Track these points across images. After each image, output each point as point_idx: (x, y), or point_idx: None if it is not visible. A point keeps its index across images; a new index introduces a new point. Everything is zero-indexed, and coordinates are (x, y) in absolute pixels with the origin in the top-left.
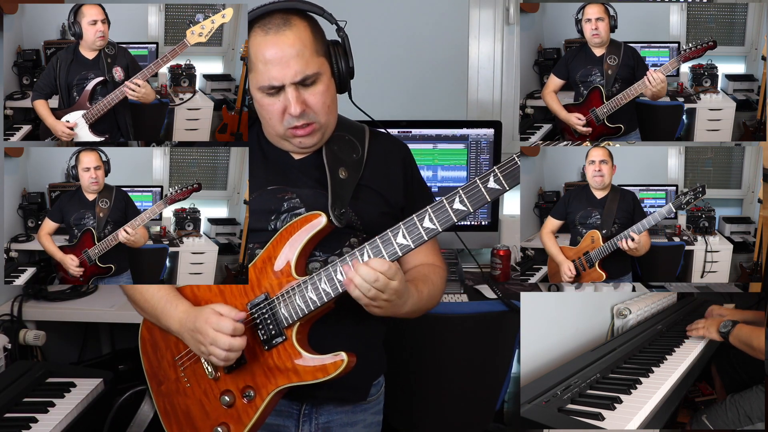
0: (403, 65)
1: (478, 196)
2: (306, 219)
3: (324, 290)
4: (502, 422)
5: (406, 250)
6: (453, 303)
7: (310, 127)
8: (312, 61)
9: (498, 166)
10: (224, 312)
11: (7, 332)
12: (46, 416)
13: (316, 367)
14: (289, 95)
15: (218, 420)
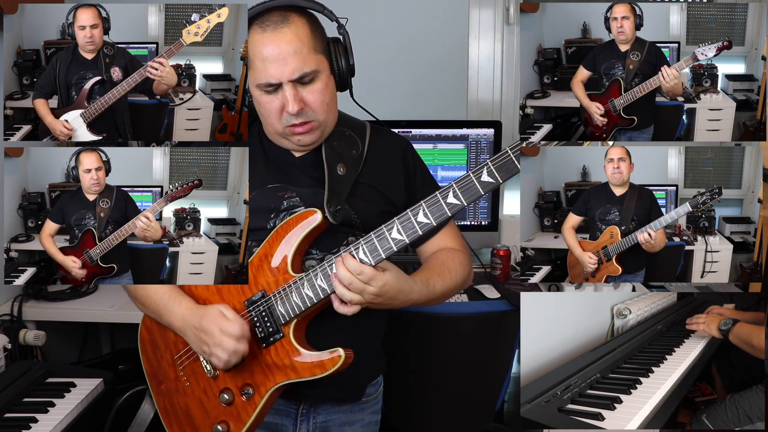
0: (403, 65)
1: (472, 190)
2: (301, 216)
3: (320, 287)
4: (502, 422)
5: (401, 245)
6: (453, 303)
7: (309, 125)
8: (310, 59)
9: (491, 159)
10: (230, 316)
11: (7, 332)
12: (46, 416)
13: (314, 363)
14: (286, 93)
15: (218, 418)
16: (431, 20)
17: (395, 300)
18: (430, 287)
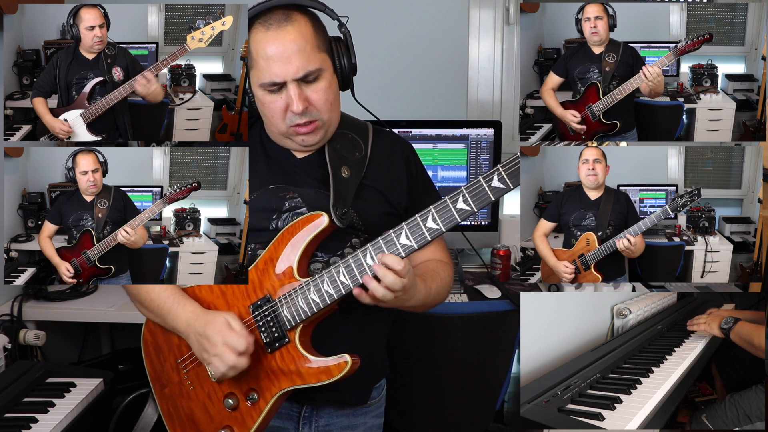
0: (404, 65)
1: (482, 196)
2: (307, 219)
3: (327, 292)
4: (502, 422)
5: (409, 251)
6: (453, 303)
7: (313, 125)
8: (314, 57)
9: (502, 165)
10: (236, 327)
11: (7, 332)
12: (46, 416)
13: (320, 369)
14: (291, 92)
15: (222, 423)
16: (431, 20)
17: (409, 300)
18: (427, 289)
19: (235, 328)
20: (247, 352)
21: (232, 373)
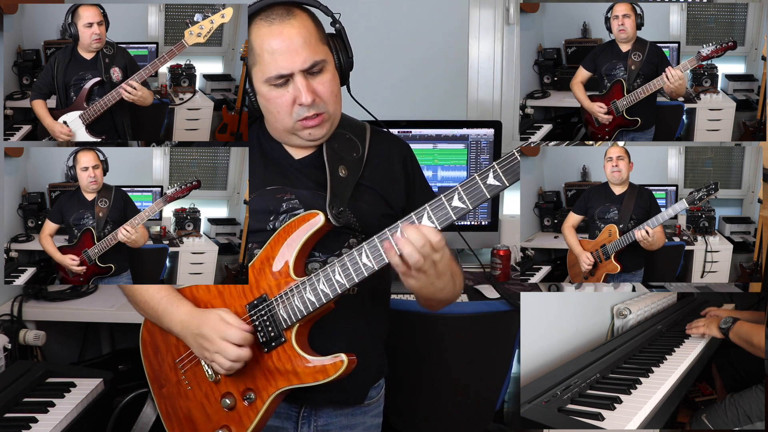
0: (403, 65)
1: (478, 193)
2: (303, 218)
3: (322, 291)
4: (502, 422)
5: None
6: (453, 303)
7: (320, 117)
8: (319, 48)
9: (497, 162)
10: (231, 321)
11: (7, 332)
12: (46, 416)
13: (316, 368)
14: (298, 83)
15: (220, 423)
16: (431, 20)
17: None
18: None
19: (230, 322)
20: (246, 343)
21: (237, 365)
